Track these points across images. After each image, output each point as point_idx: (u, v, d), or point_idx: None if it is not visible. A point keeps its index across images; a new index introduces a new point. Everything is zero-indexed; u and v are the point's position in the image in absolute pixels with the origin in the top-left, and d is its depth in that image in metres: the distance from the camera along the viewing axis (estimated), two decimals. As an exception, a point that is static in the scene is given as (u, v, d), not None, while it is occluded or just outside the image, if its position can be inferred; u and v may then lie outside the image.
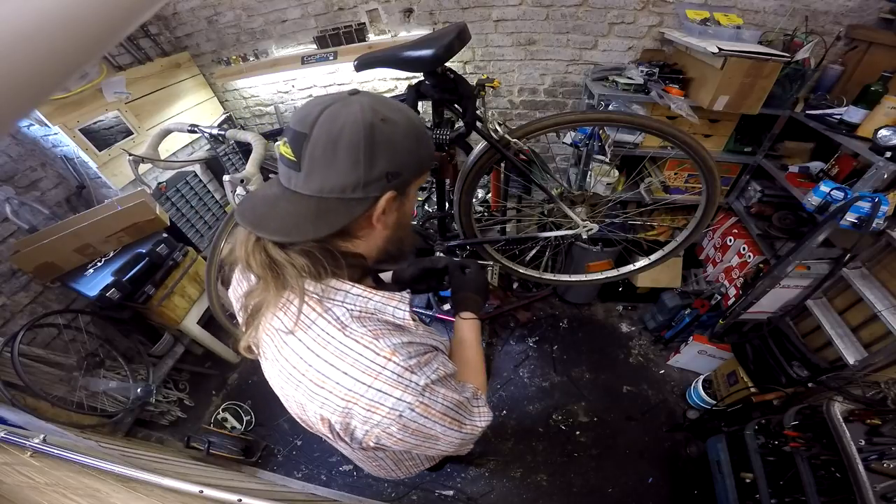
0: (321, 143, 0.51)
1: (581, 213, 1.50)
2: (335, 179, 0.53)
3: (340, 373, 0.57)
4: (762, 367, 1.90)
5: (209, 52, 2.70)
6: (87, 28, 0.21)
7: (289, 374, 0.60)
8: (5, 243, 2.01)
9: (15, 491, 0.79)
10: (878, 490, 1.18)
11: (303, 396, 0.60)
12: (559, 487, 1.99)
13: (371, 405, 0.56)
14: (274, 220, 0.55)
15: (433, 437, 0.64)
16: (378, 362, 0.57)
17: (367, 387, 0.56)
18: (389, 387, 0.57)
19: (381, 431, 0.58)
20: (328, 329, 0.58)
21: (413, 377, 0.58)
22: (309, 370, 0.58)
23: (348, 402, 0.57)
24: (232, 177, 1.08)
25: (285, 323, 0.59)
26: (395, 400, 0.57)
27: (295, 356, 0.59)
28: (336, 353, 0.57)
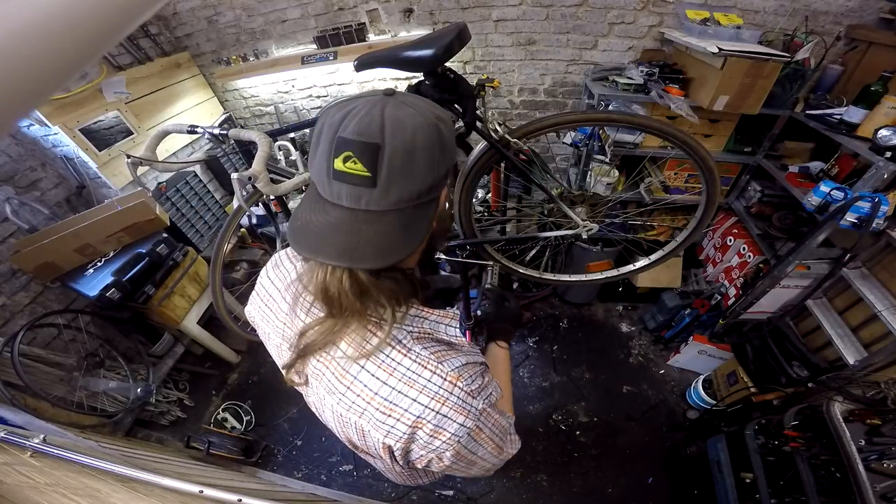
0: (400, 152, 0.46)
1: (581, 213, 1.50)
2: (414, 187, 0.49)
3: (409, 399, 0.56)
4: (762, 367, 1.90)
5: (209, 52, 2.70)
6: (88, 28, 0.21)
7: (351, 402, 0.58)
8: (5, 243, 2.01)
9: (15, 491, 0.79)
10: (878, 490, 1.18)
11: (368, 424, 0.58)
12: (559, 487, 1.99)
13: (435, 431, 0.56)
14: (367, 247, 0.49)
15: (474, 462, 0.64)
16: (445, 388, 0.56)
17: (435, 413, 0.55)
18: (454, 412, 0.56)
19: (436, 455, 0.57)
20: (393, 354, 0.57)
21: (474, 402, 0.58)
22: (375, 398, 0.57)
23: (415, 428, 0.56)
24: (240, 175, 1.08)
25: (347, 352, 0.57)
26: (458, 426, 0.56)
27: (359, 384, 0.57)
28: (404, 379, 0.56)
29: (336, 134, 0.46)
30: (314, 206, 0.51)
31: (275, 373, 0.90)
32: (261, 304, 0.70)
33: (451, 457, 0.58)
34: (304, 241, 0.50)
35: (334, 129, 0.46)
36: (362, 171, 0.46)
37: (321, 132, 0.48)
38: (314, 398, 0.65)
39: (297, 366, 0.62)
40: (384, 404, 0.56)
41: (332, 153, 0.47)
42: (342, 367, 0.58)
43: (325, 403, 0.62)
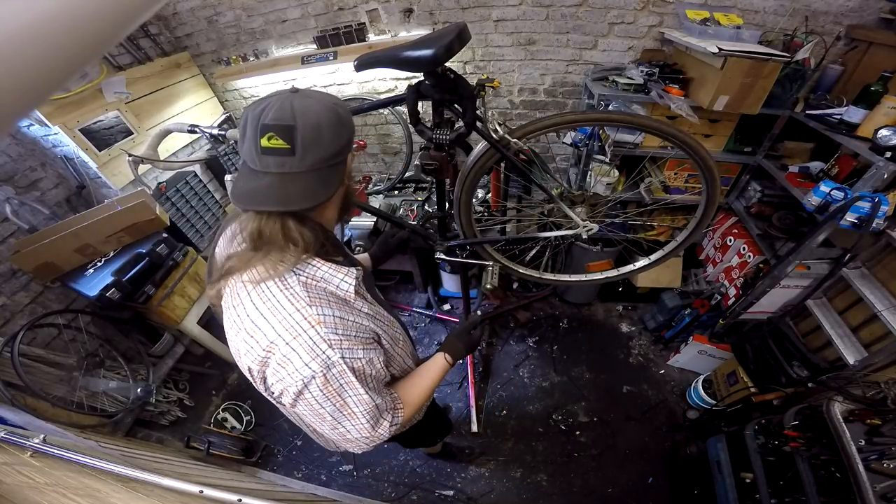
0: (309, 129, 0.62)
1: (581, 213, 1.51)
2: (325, 152, 0.64)
3: (269, 325, 0.67)
4: (762, 367, 1.90)
5: (209, 52, 2.70)
6: (88, 28, 0.21)
7: (233, 320, 0.71)
8: (5, 243, 2.02)
9: (15, 491, 0.79)
10: (878, 490, 1.18)
11: (239, 343, 0.70)
12: (559, 487, 1.99)
13: (283, 360, 0.66)
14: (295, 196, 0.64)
15: (324, 418, 0.72)
16: (302, 325, 0.66)
17: (285, 343, 0.66)
18: (302, 350, 0.66)
19: (284, 388, 0.67)
20: (273, 288, 0.69)
21: (328, 351, 0.67)
22: (246, 319, 0.68)
23: (268, 352, 0.67)
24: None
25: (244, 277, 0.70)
26: (303, 364, 0.66)
27: (241, 306, 0.70)
28: (271, 308, 0.67)
29: (259, 122, 0.61)
30: (249, 178, 0.65)
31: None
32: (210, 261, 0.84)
33: (294, 395, 0.67)
34: (247, 199, 0.65)
35: (257, 118, 0.61)
36: (283, 145, 0.61)
37: (246, 123, 0.63)
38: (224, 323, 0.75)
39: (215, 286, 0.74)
40: (251, 326, 0.68)
41: (258, 135, 0.61)
42: (237, 290, 0.71)
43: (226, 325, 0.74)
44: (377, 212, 1.76)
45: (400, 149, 2.93)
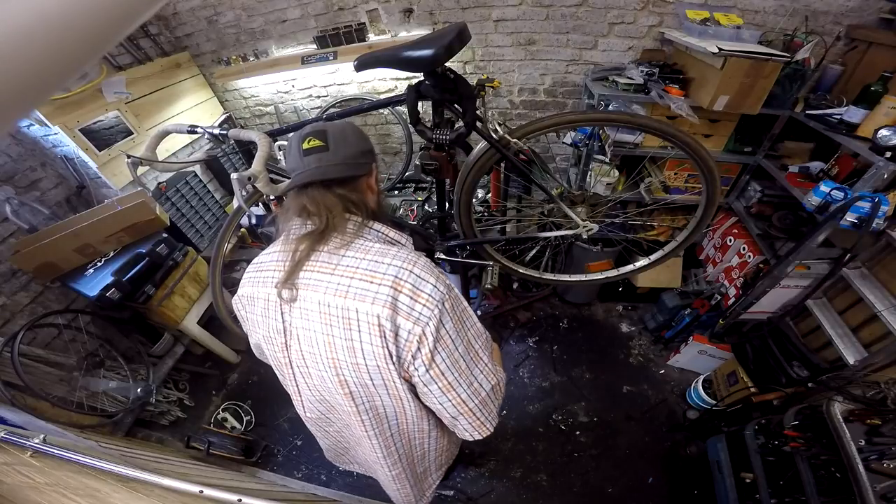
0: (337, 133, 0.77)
1: (581, 213, 1.50)
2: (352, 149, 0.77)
3: (385, 264, 0.68)
4: (762, 367, 1.90)
5: (209, 52, 2.70)
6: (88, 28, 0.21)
7: (337, 284, 0.69)
8: (5, 243, 2.01)
9: (15, 491, 0.80)
10: (878, 490, 1.18)
11: (354, 300, 0.67)
12: (559, 487, 1.99)
13: (414, 291, 0.67)
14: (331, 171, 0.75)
15: (460, 365, 0.72)
16: (412, 256, 0.71)
17: (409, 271, 0.68)
18: (425, 272, 0.69)
19: (424, 327, 0.66)
20: (366, 243, 0.73)
21: (440, 274, 0.72)
22: (357, 270, 0.69)
23: (396, 290, 0.66)
24: (240, 175, 1.08)
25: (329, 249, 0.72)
26: (432, 286, 0.68)
27: (342, 267, 0.70)
28: (378, 254, 0.71)
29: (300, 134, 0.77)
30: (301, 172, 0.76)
31: (275, 372, 0.90)
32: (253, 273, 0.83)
33: (434, 330, 0.67)
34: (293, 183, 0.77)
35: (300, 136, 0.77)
36: (318, 143, 0.75)
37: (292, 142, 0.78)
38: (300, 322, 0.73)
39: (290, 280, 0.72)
40: (366, 273, 0.68)
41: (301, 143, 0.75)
42: (326, 260, 0.72)
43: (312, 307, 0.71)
44: (377, 212, 1.76)
45: (400, 149, 2.93)
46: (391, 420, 0.83)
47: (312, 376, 0.78)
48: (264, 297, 0.78)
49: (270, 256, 0.82)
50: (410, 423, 0.84)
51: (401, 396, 0.76)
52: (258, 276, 0.81)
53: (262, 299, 0.78)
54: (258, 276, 0.81)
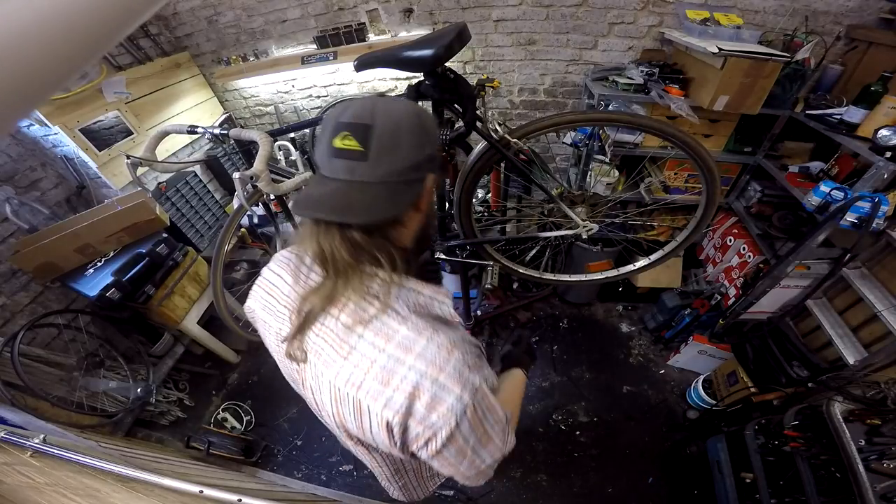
0: (388, 131, 0.55)
1: (581, 213, 1.50)
2: (400, 163, 0.56)
3: (406, 367, 0.55)
4: (762, 367, 1.90)
5: (209, 52, 2.70)
6: (88, 28, 0.21)
7: (349, 373, 0.58)
8: (5, 243, 2.01)
9: (15, 491, 0.80)
10: (878, 490, 1.18)
11: (366, 396, 0.57)
12: (559, 487, 1.99)
13: (432, 401, 0.55)
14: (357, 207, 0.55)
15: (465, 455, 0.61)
16: (442, 355, 0.56)
17: (433, 381, 0.55)
18: (451, 381, 0.56)
19: (432, 434, 0.56)
20: (390, 323, 0.58)
21: (470, 375, 0.58)
22: (374, 366, 0.56)
23: (413, 398, 0.55)
24: (242, 174, 1.09)
25: (346, 321, 0.58)
26: (455, 398, 0.55)
27: (357, 354, 0.58)
28: (401, 345, 0.56)
29: (336, 120, 0.56)
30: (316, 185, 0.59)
31: (275, 372, 0.90)
32: (263, 295, 0.71)
33: (445, 438, 0.56)
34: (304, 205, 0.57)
35: (335, 118, 0.56)
36: (356, 146, 0.54)
37: (325, 124, 0.57)
38: (311, 379, 0.64)
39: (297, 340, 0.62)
40: (382, 372, 0.56)
41: (332, 135, 0.55)
42: (341, 337, 0.59)
43: (323, 380, 0.61)
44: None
45: (400, 149, 2.93)
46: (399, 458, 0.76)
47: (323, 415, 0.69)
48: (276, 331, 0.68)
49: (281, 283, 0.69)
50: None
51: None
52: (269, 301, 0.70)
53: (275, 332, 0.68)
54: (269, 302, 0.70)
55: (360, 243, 0.57)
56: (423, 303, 0.63)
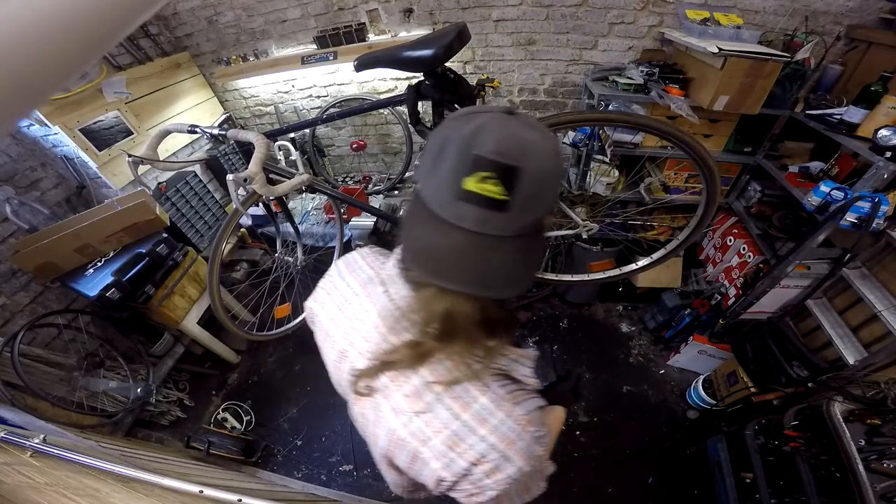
0: (535, 177, 0.44)
1: (581, 212, 1.51)
2: (538, 214, 0.48)
3: (477, 438, 0.53)
4: (762, 367, 1.90)
5: (209, 52, 2.70)
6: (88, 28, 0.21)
7: (417, 429, 0.55)
8: (5, 243, 2.02)
9: (15, 491, 0.80)
10: (878, 490, 1.18)
11: (429, 453, 0.55)
12: (559, 487, 1.99)
13: (493, 470, 0.53)
14: (498, 275, 0.47)
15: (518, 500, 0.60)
16: (516, 431, 0.54)
17: (500, 454, 0.53)
18: (518, 456, 0.53)
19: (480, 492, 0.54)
20: (471, 391, 0.54)
21: (538, 449, 0.56)
22: (444, 431, 0.54)
23: (474, 465, 0.53)
24: (235, 176, 1.08)
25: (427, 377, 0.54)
26: (517, 469, 0.53)
27: (430, 414, 0.54)
28: (477, 416, 0.53)
29: (470, 150, 0.43)
30: (430, 227, 0.48)
31: (275, 372, 0.90)
32: (333, 308, 0.66)
33: (490, 498, 0.55)
34: (430, 266, 0.47)
35: (466, 144, 0.43)
36: (499, 193, 0.43)
37: (446, 146, 0.45)
38: (370, 412, 0.60)
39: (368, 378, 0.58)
40: (451, 438, 0.53)
41: (464, 171, 0.43)
42: (418, 391, 0.55)
43: (383, 421, 0.58)
44: (377, 211, 1.76)
45: (400, 149, 2.93)
46: None
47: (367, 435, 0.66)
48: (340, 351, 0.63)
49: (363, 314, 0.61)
50: None
51: None
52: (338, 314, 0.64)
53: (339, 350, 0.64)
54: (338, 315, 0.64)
55: (492, 317, 0.51)
56: (505, 365, 0.58)
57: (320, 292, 0.71)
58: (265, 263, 2.55)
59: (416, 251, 0.49)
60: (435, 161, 0.46)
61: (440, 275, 0.47)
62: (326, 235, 2.56)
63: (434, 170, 0.46)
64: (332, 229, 2.57)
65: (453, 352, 0.53)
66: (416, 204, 0.50)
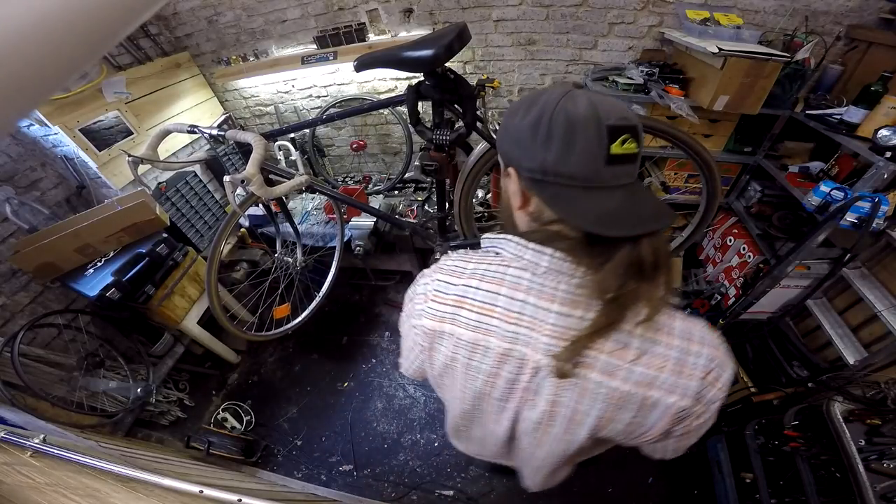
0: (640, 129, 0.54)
1: (581, 213, 1.50)
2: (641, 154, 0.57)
3: (694, 355, 0.56)
4: (762, 366, 1.90)
5: (209, 52, 2.70)
6: (88, 28, 0.21)
7: (640, 375, 0.57)
8: (5, 243, 2.02)
9: (15, 491, 0.80)
10: (878, 490, 1.18)
11: (659, 392, 0.57)
12: (559, 487, 1.97)
13: (716, 379, 0.57)
14: (658, 210, 0.55)
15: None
16: (713, 335, 0.59)
17: (717, 363, 0.57)
18: (728, 359, 0.59)
19: (706, 410, 0.59)
20: (664, 319, 0.58)
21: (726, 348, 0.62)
22: (667, 363, 0.56)
23: (704, 380, 0.57)
24: (233, 177, 1.08)
25: (626, 327, 0.56)
26: (731, 372, 0.59)
27: (647, 356, 0.56)
28: (683, 338, 0.57)
29: (602, 123, 0.51)
30: (592, 197, 0.53)
31: (275, 372, 0.90)
32: (473, 315, 0.63)
33: (716, 410, 0.59)
34: (617, 224, 0.52)
35: (594, 120, 0.51)
36: (634, 148, 0.52)
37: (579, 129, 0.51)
38: (569, 395, 0.60)
39: (575, 356, 0.58)
40: (676, 366, 0.56)
41: (608, 140, 0.50)
42: (622, 344, 0.57)
43: (593, 392, 0.59)
44: (377, 212, 1.76)
45: (400, 149, 2.93)
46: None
47: (552, 426, 0.66)
48: (500, 353, 0.61)
49: (502, 300, 0.61)
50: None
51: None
52: (482, 320, 0.61)
53: (498, 354, 0.62)
54: (482, 322, 0.61)
55: (663, 249, 0.56)
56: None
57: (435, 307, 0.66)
58: (265, 264, 2.55)
59: (599, 218, 0.52)
60: (567, 146, 0.52)
61: (629, 226, 0.52)
62: (326, 235, 2.56)
63: (569, 152, 0.52)
64: (332, 229, 2.57)
65: (643, 294, 0.55)
66: (556, 191, 0.55)
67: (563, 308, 0.58)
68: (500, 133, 0.61)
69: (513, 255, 0.62)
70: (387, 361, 2.63)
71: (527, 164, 0.56)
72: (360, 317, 2.97)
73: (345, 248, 2.24)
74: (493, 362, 0.63)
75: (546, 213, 0.59)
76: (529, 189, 0.59)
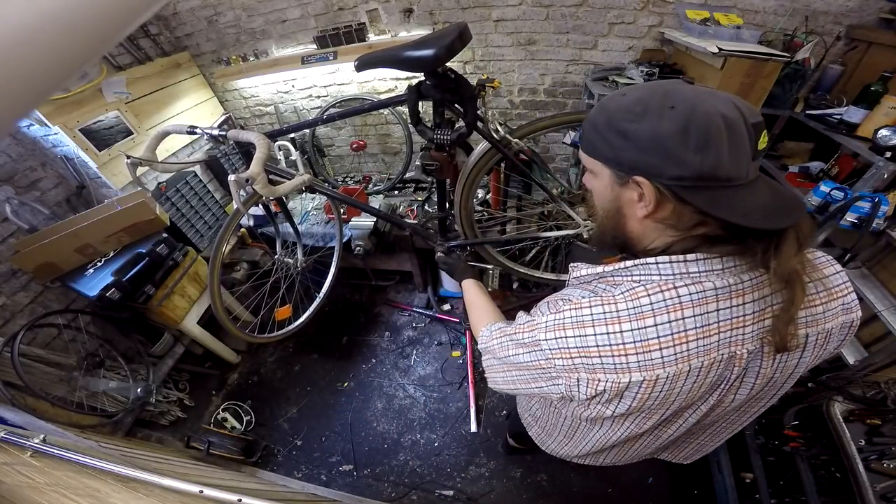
0: None
1: (582, 212, 1.50)
2: None
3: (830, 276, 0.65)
4: (762, 367, 1.90)
5: (209, 52, 2.70)
6: (88, 28, 0.21)
7: (836, 307, 0.64)
8: (5, 243, 2.01)
9: (15, 491, 0.80)
10: (878, 490, 1.18)
11: (851, 314, 0.65)
12: (559, 487, 1.99)
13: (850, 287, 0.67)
14: (793, 195, 0.59)
15: None
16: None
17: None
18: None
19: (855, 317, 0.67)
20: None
21: None
22: (833, 288, 0.64)
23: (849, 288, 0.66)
24: (237, 177, 1.08)
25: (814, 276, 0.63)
26: None
27: (824, 291, 0.64)
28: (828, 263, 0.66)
29: (749, 121, 0.52)
30: (747, 193, 0.54)
31: (275, 372, 0.90)
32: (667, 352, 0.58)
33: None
34: (781, 215, 0.54)
35: (739, 119, 0.51)
36: (767, 142, 0.55)
37: (727, 130, 0.50)
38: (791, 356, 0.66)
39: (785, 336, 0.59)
40: (838, 290, 0.64)
41: (755, 138, 0.53)
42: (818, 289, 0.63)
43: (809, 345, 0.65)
44: (377, 212, 1.76)
45: (400, 149, 2.93)
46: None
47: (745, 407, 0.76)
48: (704, 364, 0.59)
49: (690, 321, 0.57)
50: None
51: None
52: (678, 350, 0.58)
53: (697, 368, 0.59)
54: (678, 352, 0.58)
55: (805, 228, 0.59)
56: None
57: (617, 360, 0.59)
58: (265, 264, 2.55)
59: (762, 217, 0.53)
60: (736, 146, 0.52)
61: (790, 218, 0.54)
62: (326, 235, 2.56)
63: (731, 155, 0.51)
64: (332, 229, 2.57)
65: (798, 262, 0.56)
66: (711, 195, 0.54)
67: (754, 295, 0.60)
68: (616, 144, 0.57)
69: (673, 276, 0.59)
70: (387, 361, 2.63)
71: (673, 172, 0.53)
72: (360, 317, 2.97)
73: (344, 248, 2.24)
74: (695, 378, 0.61)
75: (686, 218, 0.58)
76: (673, 196, 0.56)
